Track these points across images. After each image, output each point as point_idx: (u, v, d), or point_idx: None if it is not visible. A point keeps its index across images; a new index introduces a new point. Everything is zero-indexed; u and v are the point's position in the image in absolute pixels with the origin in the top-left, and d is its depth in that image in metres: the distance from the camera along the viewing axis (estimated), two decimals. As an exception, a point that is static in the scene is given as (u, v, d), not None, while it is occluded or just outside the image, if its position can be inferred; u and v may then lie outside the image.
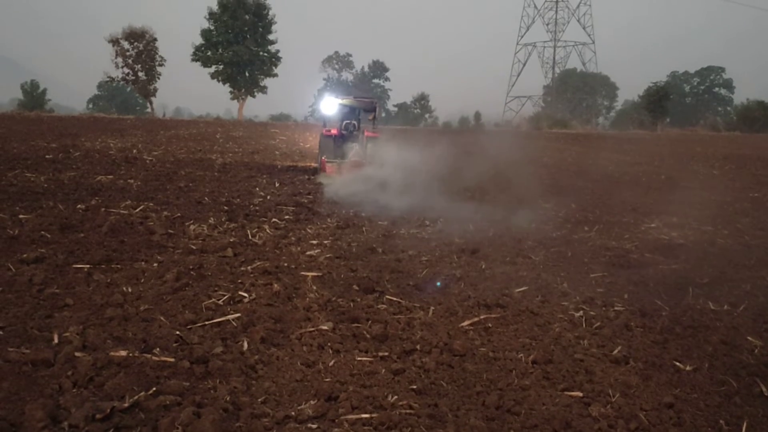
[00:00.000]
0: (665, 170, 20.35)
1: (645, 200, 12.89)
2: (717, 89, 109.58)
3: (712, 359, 4.41)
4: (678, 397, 3.80)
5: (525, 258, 7.32)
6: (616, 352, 4.47)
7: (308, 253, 7.13)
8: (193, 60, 71.46)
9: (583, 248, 8.01)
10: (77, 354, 3.92)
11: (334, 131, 16.16)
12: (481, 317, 5.14)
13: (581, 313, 5.35)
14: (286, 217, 9.33)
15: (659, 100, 72.33)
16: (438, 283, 6.14)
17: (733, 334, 4.92)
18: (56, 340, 4.17)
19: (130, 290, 5.38)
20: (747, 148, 32.58)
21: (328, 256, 7.04)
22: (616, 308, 5.51)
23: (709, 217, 10.93)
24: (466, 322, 5.01)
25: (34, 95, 71.61)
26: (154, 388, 3.56)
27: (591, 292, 6.00)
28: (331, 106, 16.83)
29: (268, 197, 11.32)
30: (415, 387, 3.83)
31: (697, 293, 6.03)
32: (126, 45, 65.08)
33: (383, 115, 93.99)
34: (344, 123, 16.39)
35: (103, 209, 9.03)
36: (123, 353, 3.96)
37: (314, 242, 7.71)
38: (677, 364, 4.30)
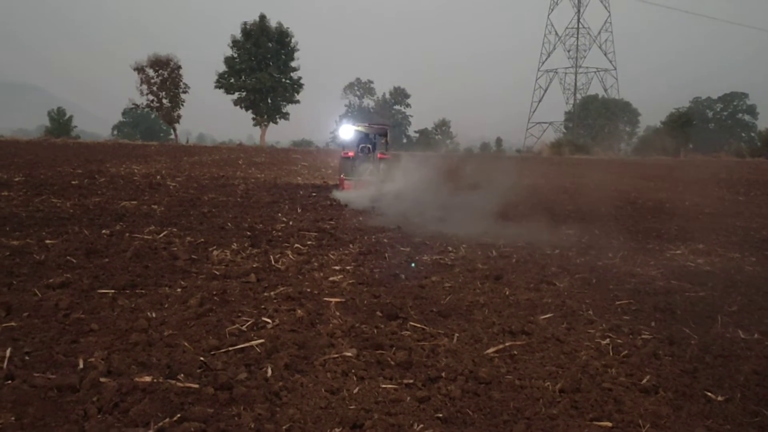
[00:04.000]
0: (689, 196, 20.14)
1: (669, 226, 12.74)
2: (740, 115, 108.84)
3: (744, 389, 4.31)
4: (710, 429, 3.71)
5: (549, 284, 7.25)
6: (645, 381, 4.38)
7: (331, 278, 7.12)
8: (216, 87, 72.51)
9: (608, 275, 7.92)
10: (102, 379, 3.93)
11: (351, 153, 18.29)
12: (507, 344, 5.07)
13: (608, 340, 5.26)
14: (309, 242, 9.33)
15: (682, 126, 72.06)
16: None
17: (765, 363, 4.81)
18: (81, 366, 4.17)
19: (154, 315, 5.39)
20: (772, 174, 32.21)
21: (351, 282, 7.01)
22: (643, 336, 5.42)
23: (736, 243, 10.78)
24: (491, 350, 4.95)
25: (60, 122, 72.85)
26: (179, 415, 3.54)
27: (617, 319, 5.91)
28: (348, 131, 19.23)
29: (291, 223, 11.34)
30: (440, 415, 3.78)
31: (726, 321, 5.92)
32: (151, 72, 66.29)
33: (404, 141, 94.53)
34: (360, 146, 18.61)
35: (127, 234, 9.11)
36: (147, 379, 3.96)
37: (337, 268, 7.70)
38: (708, 394, 4.20)
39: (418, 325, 5.50)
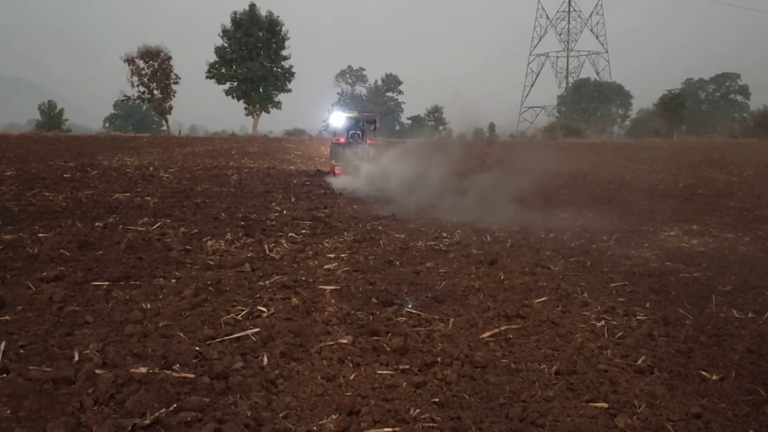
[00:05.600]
0: (683, 178, 20.19)
1: (663, 208, 12.77)
2: (733, 96, 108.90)
3: (738, 368, 4.33)
4: (705, 407, 3.73)
5: (544, 268, 7.26)
6: (640, 362, 4.39)
7: (326, 266, 7.11)
8: (207, 77, 72.13)
9: (603, 258, 7.94)
10: (98, 371, 3.92)
11: (342, 140, 19.30)
12: (502, 328, 5.08)
13: (603, 322, 5.28)
14: (303, 231, 9.31)
15: (674, 108, 72.07)
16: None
17: (759, 342, 4.83)
18: (77, 358, 4.16)
19: (149, 307, 5.38)
20: (765, 154, 32.30)
21: (345, 269, 7.01)
22: (638, 317, 5.44)
23: (730, 224, 10.82)
24: (487, 334, 4.96)
25: (51, 115, 72.53)
26: (175, 405, 3.54)
27: (612, 301, 5.93)
28: (338, 119, 20.28)
29: (285, 212, 11.32)
30: (437, 400, 3.79)
31: (720, 301, 5.95)
32: (141, 64, 65.95)
33: (397, 128, 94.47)
34: (350, 133, 19.59)
35: (120, 227, 9.08)
36: (143, 370, 3.95)
37: (331, 256, 7.69)
38: (703, 373, 4.22)
39: (414, 311, 5.50)
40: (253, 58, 71.39)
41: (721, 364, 4.40)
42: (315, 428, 3.42)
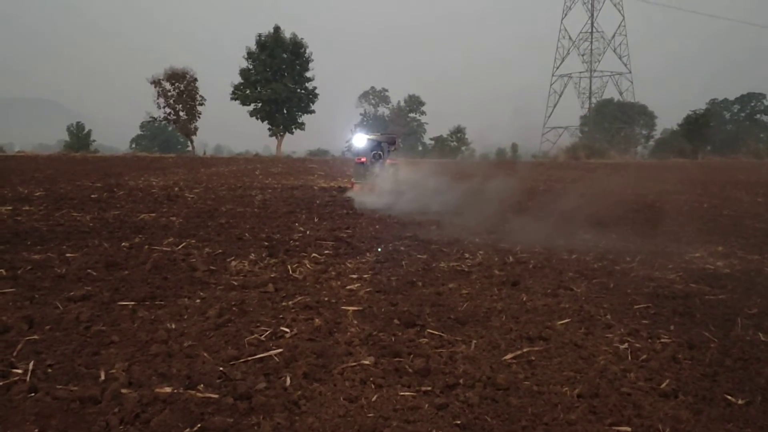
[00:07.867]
0: (708, 198, 19.98)
1: (688, 229, 12.65)
2: (758, 116, 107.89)
3: (765, 392, 4.27)
4: (731, 432, 3.69)
5: (566, 290, 7.22)
6: (664, 385, 4.36)
7: (348, 287, 7.14)
8: (232, 98, 72.98)
9: (626, 279, 7.88)
10: (123, 391, 3.97)
11: (363, 159, 20.49)
12: (524, 350, 5.07)
13: (626, 345, 5.24)
14: (326, 251, 9.36)
15: (699, 128, 71.48)
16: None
17: (785, 366, 4.77)
18: (103, 377, 4.22)
19: (173, 327, 5.44)
20: (792, 175, 31.86)
21: (368, 290, 7.02)
22: (662, 340, 5.39)
23: (756, 245, 10.68)
24: (509, 356, 4.95)
25: (79, 136, 73.82)
26: (199, 425, 3.58)
27: (635, 323, 5.88)
28: (361, 140, 21.44)
29: (308, 232, 11.38)
30: (459, 422, 3.78)
31: (746, 324, 5.88)
32: (167, 85, 66.96)
33: (420, 148, 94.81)
34: (372, 153, 20.64)
35: (146, 247, 9.19)
36: (168, 390, 4.00)
37: (354, 276, 7.72)
38: (729, 397, 4.17)
39: (436, 333, 5.50)
40: (278, 80, 72.16)
41: (747, 389, 4.35)
42: (337, 449, 3.43)
